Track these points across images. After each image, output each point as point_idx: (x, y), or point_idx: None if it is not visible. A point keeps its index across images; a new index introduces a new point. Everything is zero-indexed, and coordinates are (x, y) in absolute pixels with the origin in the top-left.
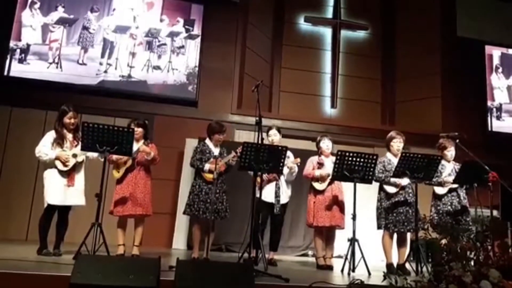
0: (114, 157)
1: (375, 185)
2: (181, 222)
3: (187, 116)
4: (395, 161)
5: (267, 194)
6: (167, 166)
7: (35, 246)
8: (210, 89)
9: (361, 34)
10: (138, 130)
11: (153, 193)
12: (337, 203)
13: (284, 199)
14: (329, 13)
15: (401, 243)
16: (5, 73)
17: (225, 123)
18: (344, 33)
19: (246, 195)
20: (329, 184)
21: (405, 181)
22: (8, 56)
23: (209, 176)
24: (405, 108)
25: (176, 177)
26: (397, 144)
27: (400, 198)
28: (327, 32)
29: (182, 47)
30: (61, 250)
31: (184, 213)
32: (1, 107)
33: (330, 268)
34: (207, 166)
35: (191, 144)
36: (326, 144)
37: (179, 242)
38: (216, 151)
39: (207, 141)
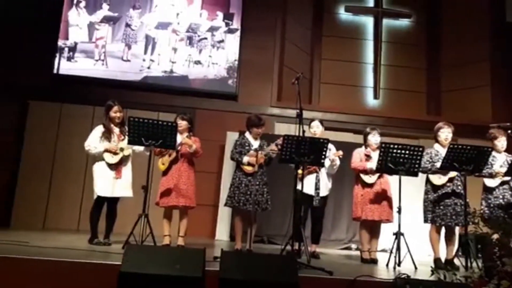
0: (159, 149)
1: (422, 178)
2: (224, 213)
3: (228, 109)
4: (443, 152)
5: (307, 186)
6: (209, 159)
7: (86, 235)
8: (250, 82)
9: (404, 22)
10: (182, 123)
11: (197, 185)
12: (385, 197)
13: (324, 191)
14: (370, 2)
15: (449, 238)
16: (55, 71)
17: (264, 116)
18: (386, 22)
19: (287, 187)
20: (378, 177)
21: (452, 172)
22: (57, 55)
23: (249, 169)
24: (452, 98)
25: (218, 169)
26: (445, 134)
27: (448, 190)
28: (368, 21)
29: (222, 41)
30: (111, 240)
31: (225, 205)
32: (52, 104)
33: (374, 262)
34: (246, 159)
35: (231, 137)
36: (375, 139)
37: (222, 233)
38: (255, 144)
39: (247, 134)
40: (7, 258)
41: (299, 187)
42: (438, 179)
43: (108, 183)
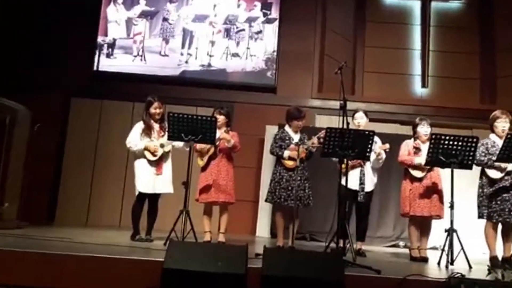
0: (198, 146)
1: (476, 171)
2: (264, 209)
3: (267, 102)
4: (499, 143)
5: (351, 181)
6: (248, 154)
7: (128, 232)
8: (289, 73)
9: (454, 4)
10: (220, 118)
11: (236, 180)
12: (436, 191)
13: (369, 186)
14: None
15: (506, 234)
16: (95, 68)
17: (305, 108)
18: (435, 5)
19: (330, 182)
20: (428, 170)
21: (511, 165)
22: (97, 52)
23: (289, 163)
24: (508, 84)
25: (257, 164)
26: (502, 124)
27: (506, 183)
28: (415, 5)
29: (260, 32)
30: (152, 236)
31: (266, 200)
32: (93, 100)
33: (425, 260)
34: (286, 153)
35: (271, 131)
36: (425, 130)
37: (263, 229)
38: (296, 137)
39: (286, 127)
40: (51, 254)
41: (343, 182)
42: (495, 173)
43: (149, 179)
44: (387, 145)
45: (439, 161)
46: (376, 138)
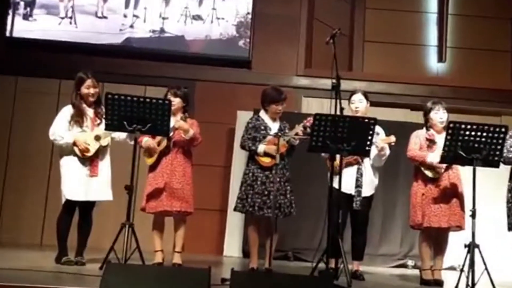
0: (144, 141)
1: (505, 170)
2: (234, 221)
3: (238, 81)
4: None
5: (346, 183)
6: (213, 148)
7: (53, 252)
8: (268, 43)
9: None
10: (175, 101)
11: (196, 183)
12: (455, 195)
13: (368, 190)
14: None
15: None
16: (7, 33)
17: (288, 89)
18: None
19: (318, 184)
20: (446, 169)
21: None
22: (10, 12)
23: (266, 161)
24: None
25: (225, 162)
26: None
27: None
28: None
29: None
30: (85, 258)
31: (235, 209)
32: (4, 77)
33: (439, 284)
34: (261, 148)
35: (244, 118)
36: (440, 116)
37: (232, 247)
38: (274, 126)
39: (262, 113)
40: None
41: (335, 184)
42: None
43: (80, 183)
44: (392, 138)
45: (458, 157)
46: (378, 128)
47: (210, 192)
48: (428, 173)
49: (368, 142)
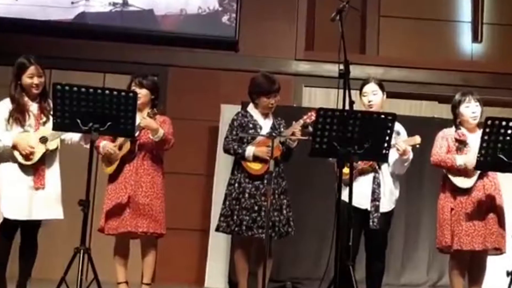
0: (102, 147)
1: None
2: (218, 244)
3: (222, 66)
4: None
5: (359, 195)
6: (191, 152)
7: None
8: (259, 19)
9: None
10: (142, 93)
11: (170, 197)
12: (493, 209)
13: (387, 204)
14: None
15: None
16: None
17: (284, 76)
18: None
19: (323, 197)
20: (480, 177)
21: None
22: None
23: (256, 167)
24: None
25: (206, 169)
26: None
27: None
28: None
29: None
30: None
31: (218, 229)
32: None
33: None
34: (250, 151)
35: (229, 113)
36: (472, 110)
37: (216, 276)
38: (266, 124)
39: (251, 108)
40: None
41: (344, 197)
42: None
43: (21, 197)
44: (416, 138)
45: (498, 162)
46: (398, 126)
47: (187, 208)
48: (458, 182)
49: (386, 144)
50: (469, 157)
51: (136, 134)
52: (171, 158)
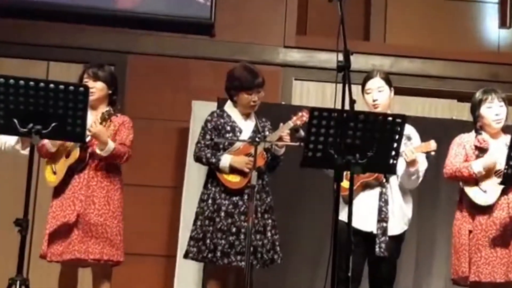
0: (47, 142)
1: None
2: (186, 273)
3: (194, 54)
4: None
5: (361, 214)
6: (155, 160)
7: None
8: None
9: None
10: (96, 87)
11: (129, 215)
12: None
13: (396, 225)
14: None
15: None
16: None
17: (269, 68)
18: None
19: (316, 215)
20: (503, 193)
21: None
22: None
23: (233, 180)
24: None
25: (174, 181)
26: None
27: None
28: None
29: None
30: None
31: (186, 256)
32: None
33: None
34: (227, 160)
35: (202, 111)
36: (495, 112)
37: None
38: (247, 126)
39: (229, 106)
40: None
41: (342, 217)
42: None
43: None
44: (431, 144)
45: None
46: (410, 129)
47: (150, 229)
48: (477, 198)
49: (394, 152)
50: (488, 160)
51: (88, 138)
52: (131, 168)
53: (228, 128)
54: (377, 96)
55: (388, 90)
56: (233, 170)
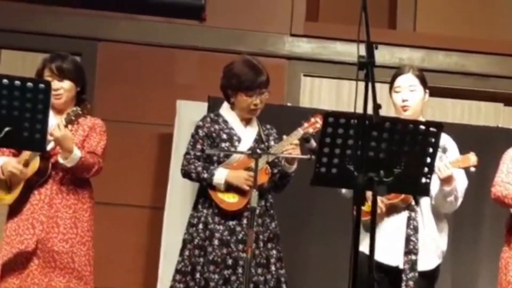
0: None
1: None
2: None
3: (181, 43)
4: None
5: (385, 245)
6: (132, 173)
7: None
8: None
9: None
10: (63, 88)
11: (100, 240)
12: None
13: (429, 258)
14: None
15: None
16: None
17: (274, 61)
18: None
19: (329, 246)
20: None
21: None
22: None
23: (230, 201)
24: None
25: (153, 200)
26: None
27: None
28: None
29: None
30: None
31: None
32: None
33: None
34: (222, 175)
35: (190, 113)
36: None
37: None
38: (247, 134)
39: (225, 109)
40: None
41: (363, 248)
42: None
43: None
44: (471, 157)
45: None
46: (446, 139)
47: (124, 258)
48: None
49: (427, 169)
50: None
51: (49, 147)
52: (102, 182)
53: (225, 136)
54: (408, 96)
55: (421, 91)
56: (229, 188)
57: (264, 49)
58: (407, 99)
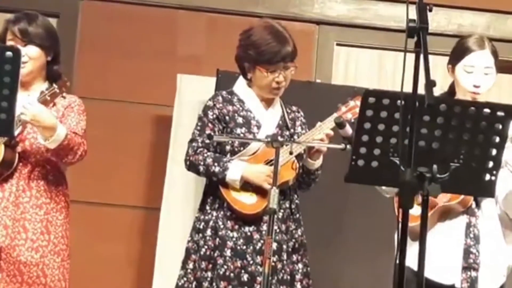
0: None
1: None
2: None
3: (182, 3)
4: None
5: (438, 258)
6: (121, 164)
7: None
8: None
9: None
10: (29, 55)
11: (79, 250)
12: None
13: (492, 276)
14: None
15: None
16: None
17: (299, 26)
18: None
19: (368, 257)
20: None
21: None
22: None
23: (246, 201)
24: None
25: (148, 198)
26: None
27: None
28: None
29: None
30: None
31: None
32: None
33: None
34: (237, 169)
35: (194, 91)
36: None
37: None
38: (269, 118)
39: (241, 87)
40: None
41: (410, 261)
42: None
43: None
44: None
45: None
46: None
47: (111, 270)
48: None
49: (492, 163)
50: None
51: (17, 132)
52: (83, 177)
53: (240, 120)
54: (481, 81)
55: (495, 73)
56: (246, 185)
57: (288, 11)
58: (480, 85)
